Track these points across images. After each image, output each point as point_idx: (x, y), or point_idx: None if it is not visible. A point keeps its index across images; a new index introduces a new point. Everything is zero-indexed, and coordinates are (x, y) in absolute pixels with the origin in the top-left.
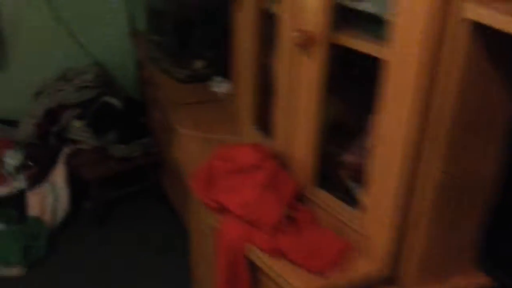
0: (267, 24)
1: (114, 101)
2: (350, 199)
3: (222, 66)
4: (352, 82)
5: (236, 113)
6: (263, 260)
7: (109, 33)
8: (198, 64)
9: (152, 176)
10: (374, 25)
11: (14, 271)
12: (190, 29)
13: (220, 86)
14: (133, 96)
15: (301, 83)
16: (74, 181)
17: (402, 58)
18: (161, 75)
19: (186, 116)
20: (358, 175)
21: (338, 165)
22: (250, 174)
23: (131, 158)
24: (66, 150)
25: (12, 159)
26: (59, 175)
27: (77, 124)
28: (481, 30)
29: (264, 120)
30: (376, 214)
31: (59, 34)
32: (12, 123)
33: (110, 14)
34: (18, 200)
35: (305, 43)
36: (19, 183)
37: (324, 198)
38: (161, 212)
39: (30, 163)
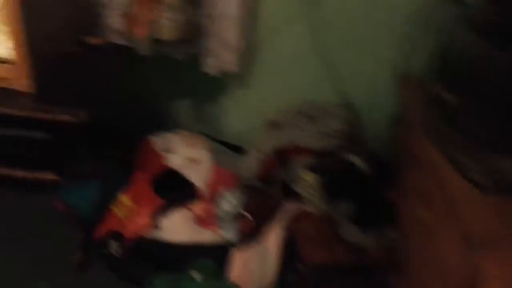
0: None
1: (358, 161)
2: None
3: None
4: None
5: None
6: None
7: (369, 70)
8: (508, 164)
9: (381, 276)
10: None
11: None
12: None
13: None
14: (381, 157)
15: None
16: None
17: None
18: (441, 159)
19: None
20: None
21: None
22: None
23: (366, 248)
24: (289, 209)
25: (228, 203)
26: (274, 238)
27: (308, 177)
28: None
29: None
30: None
31: (313, 60)
32: (239, 150)
33: (378, 47)
34: (220, 253)
35: None
36: (228, 233)
37: None
38: None
39: (245, 213)
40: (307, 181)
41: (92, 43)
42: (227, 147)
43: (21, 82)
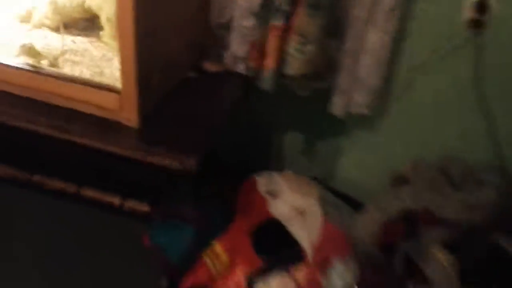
0: None
1: (511, 246)
2: None
3: None
4: None
5: None
6: None
7: None
8: None
9: None
10: None
11: None
12: None
13: None
14: None
15: None
16: None
17: None
18: None
19: None
20: None
21: None
22: None
23: None
24: None
25: (340, 278)
26: None
27: (442, 256)
28: None
29: None
30: None
31: (466, 109)
32: (354, 203)
33: None
34: None
35: None
36: None
37: None
38: None
39: None
40: (439, 260)
41: (212, 70)
42: (340, 197)
43: (125, 115)
